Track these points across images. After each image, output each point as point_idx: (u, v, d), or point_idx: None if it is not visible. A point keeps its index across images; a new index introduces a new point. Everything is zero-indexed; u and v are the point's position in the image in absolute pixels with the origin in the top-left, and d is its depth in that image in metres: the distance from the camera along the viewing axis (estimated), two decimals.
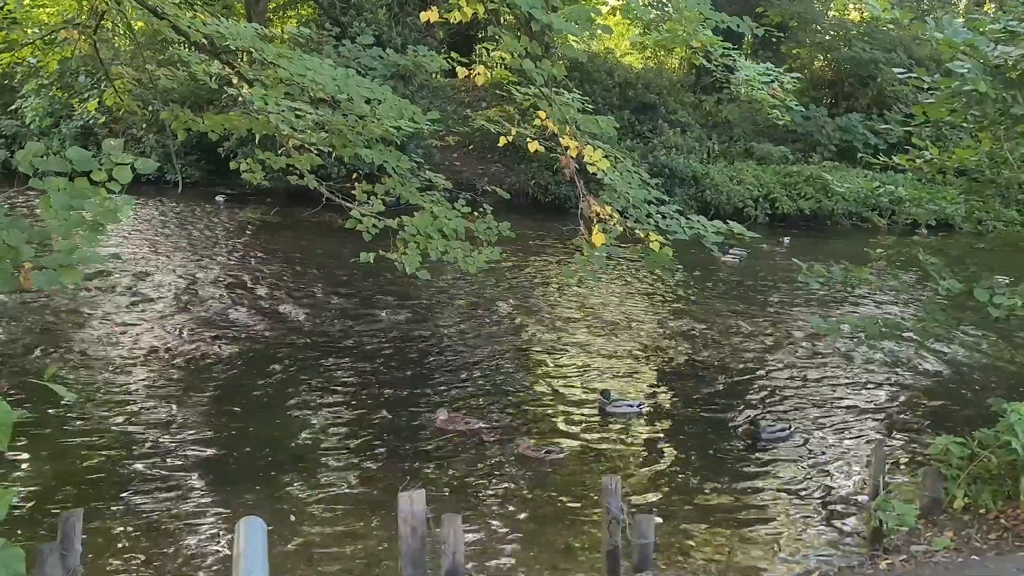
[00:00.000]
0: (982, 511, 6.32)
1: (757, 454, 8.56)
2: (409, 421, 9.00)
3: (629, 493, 7.14)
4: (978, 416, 8.89)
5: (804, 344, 12.64)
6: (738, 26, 7.60)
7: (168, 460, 7.74)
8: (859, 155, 21.84)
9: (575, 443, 8.67)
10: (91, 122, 23.34)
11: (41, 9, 18.48)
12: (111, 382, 9.62)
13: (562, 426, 9.19)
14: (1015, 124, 8.04)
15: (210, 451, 8.03)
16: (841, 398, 10.41)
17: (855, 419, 9.72)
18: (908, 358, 11.98)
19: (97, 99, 16.69)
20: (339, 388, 9.86)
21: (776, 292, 16.39)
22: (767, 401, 10.24)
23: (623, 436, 8.93)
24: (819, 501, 7.59)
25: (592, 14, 7.33)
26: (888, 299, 15.39)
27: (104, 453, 7.80)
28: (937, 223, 14.40)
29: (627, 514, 5.52)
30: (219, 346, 10.90)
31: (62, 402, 8.08)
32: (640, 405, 9.60)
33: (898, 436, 9.18)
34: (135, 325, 11.82)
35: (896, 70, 9.10)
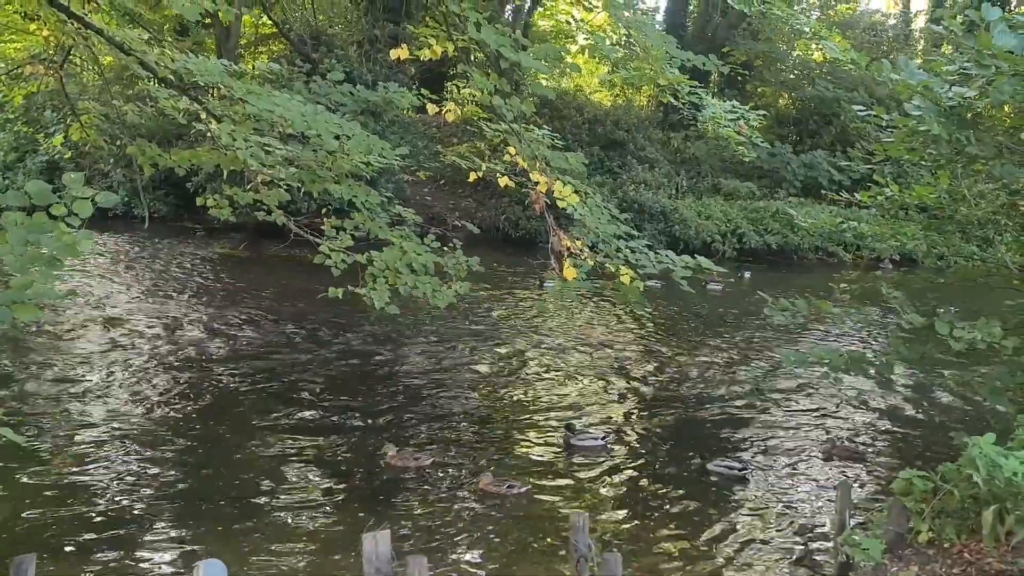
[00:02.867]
0: (946, 545, 6.34)
1: (722, 491, 8.55)
2: (372, 459, 8.87)
3: (594, 530, 7.08)
4: (942, 449, 8.99)
5: (770, 376, 12.72)
6: (704, 65, 7.78)
7: (125, 501, 7.54)
8: (823, 191, 22.25)
9: (539, 478, 8.59)
10: (57, 157, 23.14)
11: (8, 44, 18.37)
12: (67, 419, 9.40)
13: (526, 461, 9.13)
14: (970, 163, 8.23)
15: (168, 491, 7.84)
16: (808, 431, 10.45)
17: (821, 453, 9.76)
18: (873, 391, 12.10)
19: (63, 134, 16.59)
20: (302, 426, 9.72)
21: (742, 325, 16.52)
22: (733, 434, 10.27)
23: (588, 471, 8.87)
24: (786, 536, 7.59)
25: (561, 53, 7.46)
26: (855, 332, 15.57)
27: (59, 495, 7.58)
28: (900, 257, 14.67)
29: (595, 551, 5.47)
30: (179, 382, 10.72)
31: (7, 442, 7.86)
32: (605, 439, 9.55)
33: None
34: (96, 364, 11.60)
35: (856, 107, 9.36)
